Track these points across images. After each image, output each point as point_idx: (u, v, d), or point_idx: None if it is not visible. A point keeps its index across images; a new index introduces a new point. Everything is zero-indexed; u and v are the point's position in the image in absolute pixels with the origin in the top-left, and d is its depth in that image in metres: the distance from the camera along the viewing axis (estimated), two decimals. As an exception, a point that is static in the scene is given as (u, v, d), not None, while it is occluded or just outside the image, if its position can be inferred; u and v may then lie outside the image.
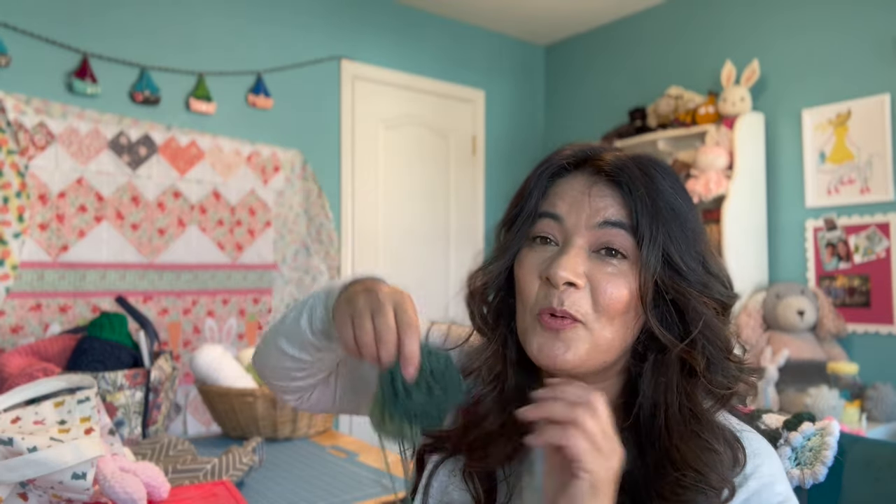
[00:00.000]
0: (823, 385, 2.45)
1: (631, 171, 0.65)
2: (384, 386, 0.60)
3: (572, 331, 0.64)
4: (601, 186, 0.66)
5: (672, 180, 0.67)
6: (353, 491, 1.36)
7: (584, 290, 0.64)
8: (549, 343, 0.65)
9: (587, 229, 0.65)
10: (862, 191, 2.67)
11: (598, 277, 0.64)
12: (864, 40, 2.68)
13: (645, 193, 0.64)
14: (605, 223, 0.65)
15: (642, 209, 0.64)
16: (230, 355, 1.84)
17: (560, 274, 0.63)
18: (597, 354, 0.65)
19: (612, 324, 0.64)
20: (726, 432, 0.64)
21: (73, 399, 1.00)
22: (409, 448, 0.74)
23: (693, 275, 0.65)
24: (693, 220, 0.67)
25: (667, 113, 3.13)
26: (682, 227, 0.65)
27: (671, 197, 0.66)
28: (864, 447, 0.74)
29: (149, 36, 2.66)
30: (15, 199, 2.31)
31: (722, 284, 0.67)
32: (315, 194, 3.05)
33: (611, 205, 0.65)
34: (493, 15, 3.55)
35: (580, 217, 0.66)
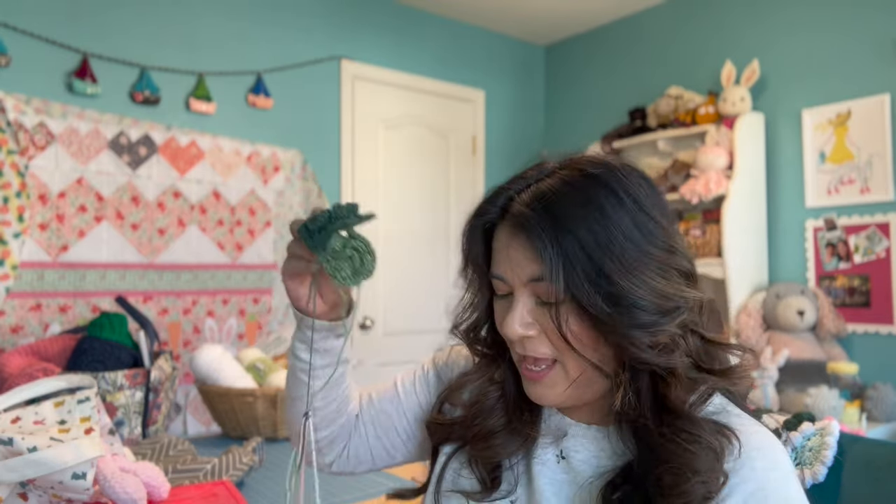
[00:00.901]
0: (823, 385, 2.45)
1: (536, 218, 0.65)
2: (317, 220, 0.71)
3: (551, 373, 0.69)
4: (518, 240, 0.67)
5: (585, 203, 0.64)
6: (353, 491, 1.36)
7: (541, 336, 0.68)
8: (533, 389, 0.71)
9: (522, 285, 0.68)
10: (862, 191, 2.67)
11: (544, 324, 0.68)
12: (864, 40, 2.68)
13: (547, 241, 0.64)
14: (531, 280, 0.67)
15: (547, 258, 0.64)
16: (230, 355, 1.84)
17: (508, 333, 0.69)
18: (579, 387, 0.69)
19: (577, 357, 0.67)
20: (710, 423, 0.64)
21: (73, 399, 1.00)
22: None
23: (609, 317, 0.63)
24: (611, 245, 0.63)
25: (667, 113, 3.13)
26: (592, 261, 0.63)
27: (579, 229, 0.63)
28: (864, 447, 0.74)
29: (149, 36, 2.66)
30: (15, 199, 2.31)
31: (669, 299, 0.64)
32: (315, 194, 3.05)
33: (526, 259, 0.66)
34: (493, 15, 3.55)
35: (515, 274, 0.68)
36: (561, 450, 0.73)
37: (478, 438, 0.76)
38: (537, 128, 3.94)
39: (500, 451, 0.74)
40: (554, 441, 0.74)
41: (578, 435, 0.73)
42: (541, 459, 0.74)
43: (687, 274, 0.68)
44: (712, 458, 0.62)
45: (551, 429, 0.76)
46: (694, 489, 0.60)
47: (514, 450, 0.75)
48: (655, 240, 0.65)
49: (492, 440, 0.75)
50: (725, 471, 0.62)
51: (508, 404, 0.76)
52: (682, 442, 0.62)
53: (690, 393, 0.65)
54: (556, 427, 0.75)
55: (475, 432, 0.76)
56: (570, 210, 0.64)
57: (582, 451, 0.72)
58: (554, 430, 0.75)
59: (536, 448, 0.75)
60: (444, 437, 0.80)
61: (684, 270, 0.68)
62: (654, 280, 0.64)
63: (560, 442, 0.74)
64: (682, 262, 0.67)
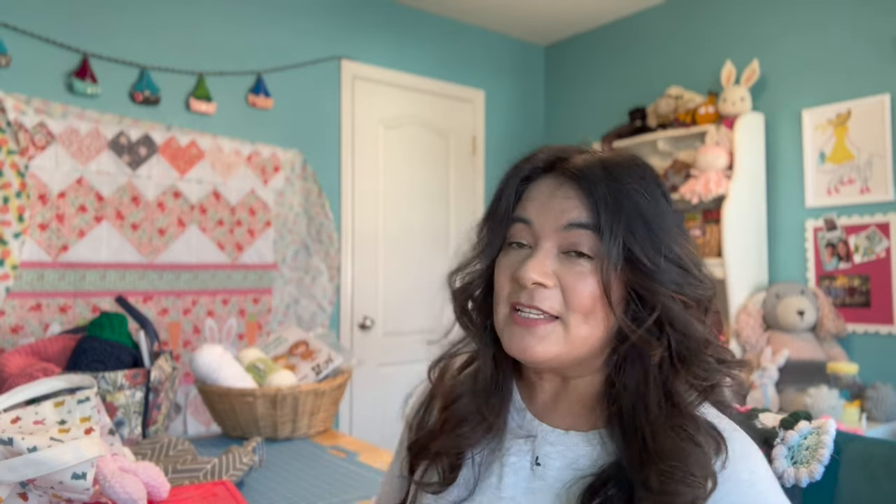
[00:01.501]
0: (823, 385, 2.45)
1: (594, 173, 0.67)
2: None
3: (547, 326, 0.67)
4: (566, 189, 0.68)
5: (641, 180, 0.68)
6: (353, 491, 1.36)
7: (555, 290, 0.67)
8: (520, 336, 0.68)
9: (554, 231, 0.68)
10: (862, 191, 2.67)
11: (566, 277, 0.67)
12: (864, 40, 2.68)
13: (606, 192, 0.66)
14: (569, 225, 0.67)
15: (603, 208, 0.65)
16: (230, 355, 1.84)
17: (527, 275, 0.66)
18: (571, 350, 0.68)
19: (586, 321, 0.67)
20: (706, 424, 0.64)
21: (73, 399, 1.00)
22: None
23: (658, 271, 0.65)
24: (662, 218, 0.67)
25: (667, 113, 3.13)
26: (648, 224, 0.66)
27: (636, 195, 0.66)
28: (861, 446, 0.74)
29: (149, 36, 2.66)
30: (15, 199, 2.31)
31: (697, 280, 0.68)
32: (315, 194, 3.05)
33: (575, 206, 0.67)
34: (493, 15, 3.55)
35: (547, 220, 0.68)
36: (537, 456, 0.71)
37: (446, 428, 0.74)
38: (537, 128, 3.94)
39: (466, 440, 0.73)
40: (527, 445, 0.72)
41: (557, 443, 0.71)
42: (514, 467, 0.71)
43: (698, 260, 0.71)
44: (704, 461, 0.61)
45: (522, 428, 0.73)
46: (682, 491, 0.60)
47: (479, 440, 0.73)
48: (682, 230, 0.70)
49: (459, 428, 0.73)
50: (716, 477, 0.61)
51: (478, 387, 0.75)
52: (679, 440, 0.62)
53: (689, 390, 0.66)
54: (527, 429, 0.73)
55: (445, 418, 0.75)
56: (627, 176, 0.67)
57: (559, 458, 0.70)
58: (525, 432, 0.73)
59: (510, 454, 0.72)
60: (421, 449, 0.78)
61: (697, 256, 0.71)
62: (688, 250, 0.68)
63: (534, 448, 0.71)
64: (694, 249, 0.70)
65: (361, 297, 3.25)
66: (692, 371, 0.66)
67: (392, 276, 3.35)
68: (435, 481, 0.74)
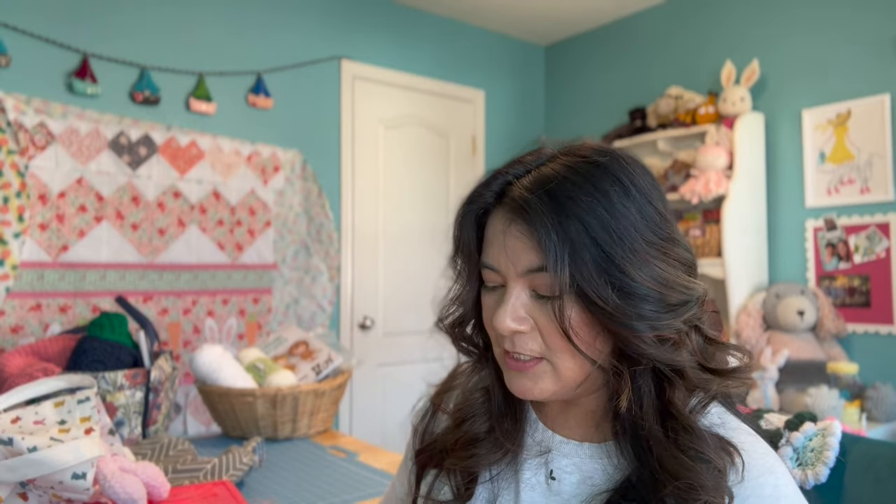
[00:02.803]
0: (823, 385, 2.45)
1: (538, 201, 0.61)
2: None
3: (538, 367, 0.65)
4: (516, 226, 0.63)
5: (592, 189, 0.61)
6: (353, 491, 1.36)
7: (534, 332, 0.64)
8: (517, 380, 0.66)
9: (517, 276, 0.63)
10: (862, 191, 2.67)
11: (539, 319, 0.63)
12: (863, 40, 2.68)
13: (549, 225, 0.60)
14: (528, 270, 0.62)
15: (548, 246, 0.60)
16: (230, 355, 1.83)
17: (501, 326, 0.63)
18: (566, 384, 0.65)
19: (573, 356, 0.63)
20: (714, 437, 0.61)
21: (73, 399, 1.00)
22: None
23: (618, 311, 0.59)
24: (622, 234, 0.60)
25: (667, 113, 3.13)
26: (600, 249, 0.60)
27: (585, 214, 0.60)
28: (866, 447, 0.74)
29: (149, 36, 2.66)
30: (15, 199, 2.31)
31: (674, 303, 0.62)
32: (315, 194, 3.05)
33: (525, 248, 0.62)
34: (493, 15, 3.55)
35: (508, 265, 0.64)
36: (551, 470, 0.68)
37: (459, 446, 0.71)
38: (537, 128, 3.94)
39: (481, 461, 0.70)
40: (542, 460, 0.70)
41: (571, 454, 0.69)
42: (529, 483, 0.69)
43: (689, 265, 0.65)
44: (717, 477, 0.59)
45: (536, 444, 0.71)
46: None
47: (495, 461, 0.70)
48: (659, 230, 0.63)
49: (473, 448, 0.70)
50: (731, 491, 0.59)
51: (492, 409, 0.72)
52: (687, 459, 0.59)
53: (690, 396, 0.63)
54: (541, 442, 0.71)
55: (458, 438, 0.72)
56: (574, 196, 0.60)
57: (575, 472, 0.67)
58: (540, 446, 0.71)
59: (524, 470, 0.70)
60: (429, 458, 0.75)
61: (687, 262, 0.65)
62: (661, 269, 0.61)
63: (549, 461, 0.69)
64: (684, 254, 0.65)
65: (361, 297, 3.25)
66: (688, 385, 0.63)
67: (392, 276, 3.35)
68: (449, 499, 0.71)
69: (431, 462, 0.74)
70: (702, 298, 0.65)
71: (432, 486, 0.74)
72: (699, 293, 0.64)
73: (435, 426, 0.78)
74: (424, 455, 0.75)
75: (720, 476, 0.59)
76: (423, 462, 0.75)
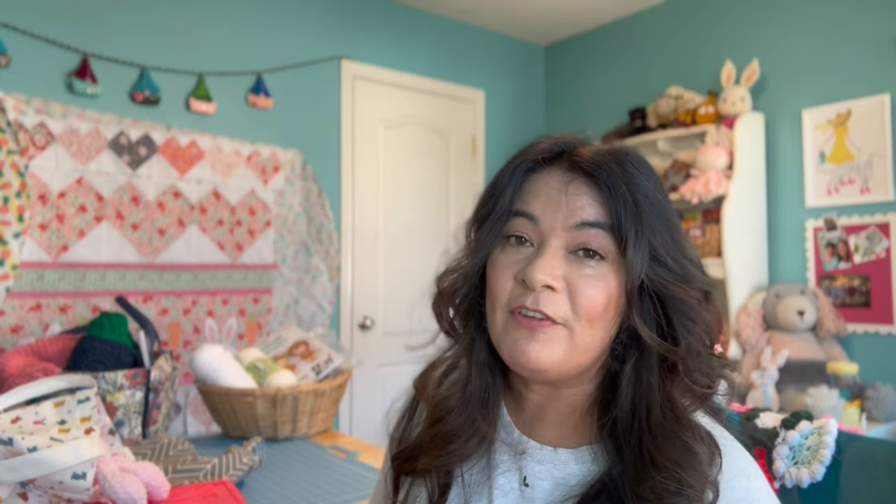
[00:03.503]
0: (823, 385, 2.45)
1: (609, 168, 0.62)
2: None
3: (551, 331, 0.62)
4: (578, 184, 0.63)
5: (647, 172, 0.65)
6: (353, 491, 1.36)
7: (562, 293, 0.62)
8: (523, 341, 0.62)
9: (564, 230, 0.62)
10: (862, 191, 2.67)
11: (575, 280, 0.62)
12: (863, 40, 2.68)
13: (626, 191, 0.61)
14: (582, 224, 0.62)
15: (624, 208, 0.61)
16: (230, 355, 1.84)
17: (537, 277, 0.61)
18: (574, 357, 0.63)
19: (592, 326, 0.62)
20: (702, 430, 0.61)
21: (73, 399, 1.00)
22: None
23: (677, 266, 0.63)
24: (670, 210, 0.65)
25: (667, 113, 3.13)
26: (664, 220, 0.63)
27: (650, 191, 0.63)
28: (862, 446, 0.74)
29: (149, 36, 2.66)
30: (15, 199, 2.31)
31: (701, 271, 0.66)
32: (315, 194, 3.05)
33: (588, 204, 0.62)
34: (493, 15, 3.55)
35: (556, 217, 0.63)
36: (524, 476, 0.67)
37: (434, 444, 0.69)
38: (537, 128, 3.94)
39: (455, 456, 0.68)
40: (514, 464, 0.68)
41: (545, 461, 0.67)
42: (503, 490, 0.67)
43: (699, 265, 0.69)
44: (701, 470, 0.58)
45: (511, 443, 0.69)
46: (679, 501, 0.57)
47: (470, 453, 0.68)
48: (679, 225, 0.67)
49: (449, 445, 0.68)
50: (716, 485, 0.59)
51: (468, 395, 0.69)
52: (677, 449, 0.59)
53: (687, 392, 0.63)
54: (515, 445, 0.69)
55: (432, 436, 0.70)
56: (637, 169, 0.63)
57: (548, 478, 0.66)
58: (512, 449, 0.69)
59: (497, 476, 0.68)
60: (404, 463, 0.73)
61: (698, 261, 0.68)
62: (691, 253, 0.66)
63: (522, 467, 0.67)
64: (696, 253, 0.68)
65: (361, 297, 3.25)
66: (692, 376, 0.63)
67: (392, 276, 3.35)
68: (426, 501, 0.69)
69: (406, 467, 0.72)
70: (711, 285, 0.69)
71: (409, 493, 0.72)
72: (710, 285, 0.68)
73: (410, 431, 0.76)
74: (400, 460, 0.73)
75: (704, 469, 0.58)
76: (399, 468, 0.73)
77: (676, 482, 0.57)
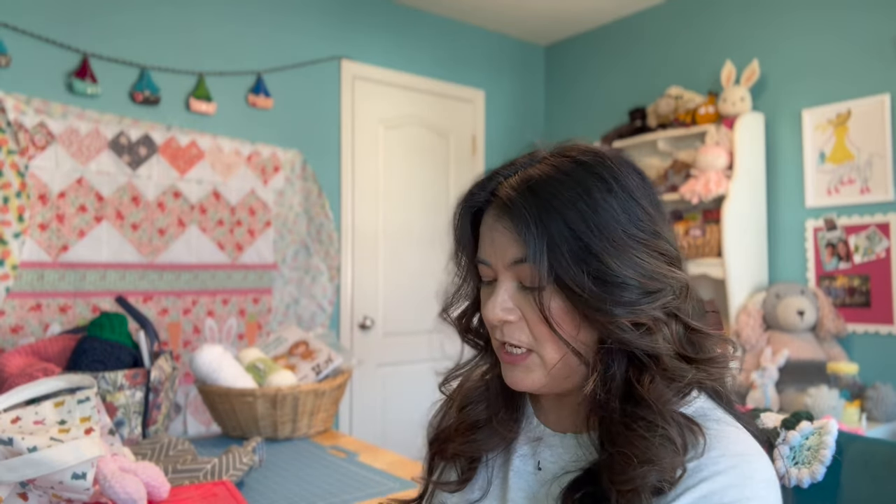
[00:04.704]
0: (823, 385, 2.45)
1: (521, 198, 0.65)
2: None
3: (528, 359, 0.68)
4: (503, 222, 0.67)
5: (577, 185, 0.64)
6: (353, 491, 1.36)
7: (521, 322, 0.68)
8: (509, 371, 0.71)
9: (505, 268, 0.68)
10: (862, 191, 2.67)
11: (525, 309, 0.67)
12: (863, 41, 2.68)
13: (530, 219, 0.64)
14: (511, 262, 0.67)
15: (529, 238, 0.64)
16: (230, 355, 1.84)
17: (489, 316, 0.68)
18: (554, 376, 0.68)
19: (555, 345, 0.67)
20: (678, 416, 0.62)
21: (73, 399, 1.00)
22: None
23: (595, 296, 0.63)
24: (601, 228, 0.63)
25: (667, 113, 3.13)
26: (579, 240, 0.63)
27: (566, 209, 0.63)
28: (862, 446, 0.74)
29: (149, 36, 2.66)
30: (15, 199, 2.31)
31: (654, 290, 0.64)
32: (315, 194, 3.05)
33: (511, 241, 0.66)
34: (493, 15, 3.55)
35: (498, 258, 0.68)
36: (538, 461, 0.73)
37: (461, 430, 0.77)
38: (537, 128, 3.94)
39: (481, 446, 0.75)
40: (531, 449, 0.74)
41: (555, 444, 0.72)
42: (518, 471, 0.73)
43: (671, 258, 0.67)
44: (671, 450, 0.59)
45: (529, 434, 0.76)
46: (643, 476, 0.58)
47: (494, 447, 0.75)
48: (642, 224, 0.65)
49: (473, 434, 0.76)
50: (685, 465, 0.59)
51: (490, 398, 0.77)
52: (637, 428, 0.61)
53: (668, 385, 0.63)
54: (533, 433, 0.75)
55: (460, 422, 0.77)
56: (556, 192, 0.64)
57: (557, 460, 0.71)
58: (531, 436, 0.75)
59: (514, 458, 0.74)
60: (439, 447, 0.80)
61: (668, 254, 0.67)
62: (640, 259, 0.64)
63: (537, 452, 0.73)
64: (666, 247, 0.67)
65: (361, 297, 3.25)
66: (663, 372, 0.64)
67: (392, 276, 3.35)
68: (453, 480, 0.76)
69: (439, 450, 0.79)
70: (682, 288, 0.67)
71: (441, 473, 0.80)
72: (678, 282, 0.66)
73: (447, 420, 0.83)
74: (436, 444, 0.80)
75: (674, 450, 0.60)
76: (435, 451, 0.80)
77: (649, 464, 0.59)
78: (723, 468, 0.59)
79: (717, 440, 0.62)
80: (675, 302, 0.66)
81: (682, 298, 0.67)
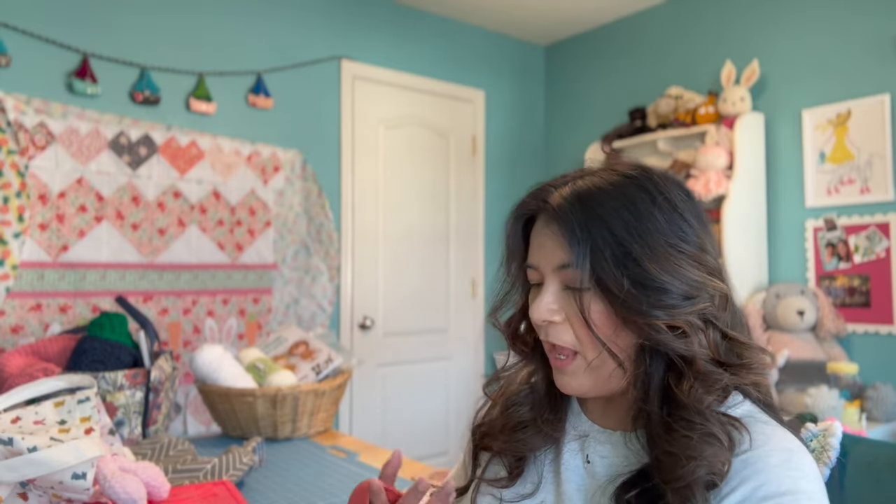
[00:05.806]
0: (823, 385, 2.45)
1: (569, 207, 0.69)
2: None
3: (573, 363, 0.72)
4: (551, 228, 0.71)
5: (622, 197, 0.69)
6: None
7: (565, 324, 0.71)
8: (558, 376, 0.74)
9: (552, 272, 0.71)
10: (862, 191, 2.67)
11: (568, 312, 0.71)
12: (863, 40, 2.68)
13: (576, 227, 0.68)
14: (559, 267, 0.70)
15: (575, 243, 0.68)
16: (230, 355, 1.83)
17: (534, 318, 0.72)
18: (598, 379, 0.71)
19: (595, 347, 0.70)
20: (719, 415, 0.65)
21: (73, 399, 1.00)
22: None
23: (632, 299, 0.66)
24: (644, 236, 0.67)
25: (667, 113, 3.13)
26: (622, 246, 0.67)
27: (611, 218, 0.68)
28: (866, 448, 0.74)
29: (149, 36, 2.66)
30: (15, 199, 2.31)
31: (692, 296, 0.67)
32: (315, 194, 3.05)
33: (558, 246, 0.70)
34: (493, 15, 3.55)
35: (545, 262, 0.72)
36: (587, 455, 0.75)
37: (507, 429, 0.80)
38: (537, 128, 3.94)
39: (526, 445, 0.78)
40: (580, 444, 0.77)
41: (602, 441, 0.75)
42: (568, 465, 0.76)
43: (712, 269, 0.70)
44: (715, 445, 0.62)
45: (577, 430, 0.79)
46: (692, 472, 0.61)
47: (539, 446, 0.78)
48: (684, 235, 0.69)
49: (518, 433, 0.79)
50: (731, 459, 0.62)
51: (535, 400, 0.80)
52: (678, 429, 0.64)
53: (707, 388, 0.66)
54: (581, 429, 0.78)
55: (504, 422, 0.81)
56: (602, 201, 0.69)
57: (607, 456, 0.74)
58: (579, 432, 0.78)
59: (564, 452, 0.77)
60: (482, 437, 0.83)
61: (709, 265, 0.70)
62: (680, 266, 0.67)
63: (586, 446, 0.76)
64: (708, 259, 0.70)
65: (361, 297, 3.25)
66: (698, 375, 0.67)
67: (392, 276, 3.35)
68: (503, 476, 0.79)
69: (483, 443, 0.83)
70: (721, 297, 0.70)
71: (487, 467, 0.82)
72: (717, 291, 0.69)
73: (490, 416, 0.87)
74: (479, 432, 0.84)
75: (720, 445, 0.62)
76: (478, 441, 0.84)
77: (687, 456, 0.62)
78: (775, 462, 0.62)
79: (768, 437, 0.65)
80: (711, 309, 0.69)
81: (721, 307, 0.70)
